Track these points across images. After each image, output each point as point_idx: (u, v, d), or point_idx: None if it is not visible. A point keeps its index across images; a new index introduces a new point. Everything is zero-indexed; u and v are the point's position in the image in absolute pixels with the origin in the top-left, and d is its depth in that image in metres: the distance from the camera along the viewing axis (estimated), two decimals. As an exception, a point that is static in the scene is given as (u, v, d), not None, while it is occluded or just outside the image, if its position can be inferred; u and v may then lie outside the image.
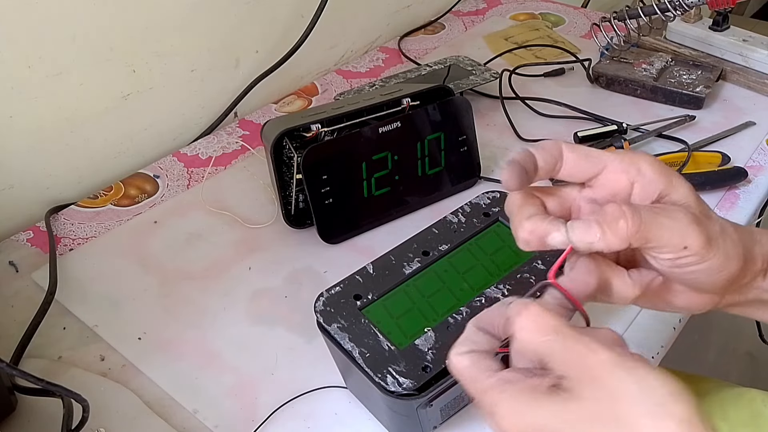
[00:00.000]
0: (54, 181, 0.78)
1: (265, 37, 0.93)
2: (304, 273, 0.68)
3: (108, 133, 0.80)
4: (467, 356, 0.37)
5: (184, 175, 0.82)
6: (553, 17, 1.18)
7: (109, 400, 0.56)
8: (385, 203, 0.72)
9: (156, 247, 0.71)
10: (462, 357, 0.37)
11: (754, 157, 0.82)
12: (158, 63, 0.81)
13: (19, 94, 0.70)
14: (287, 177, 0.69)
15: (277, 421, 0.54)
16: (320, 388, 0.56)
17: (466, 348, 0.37)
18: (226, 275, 0.68)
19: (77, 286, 0.67)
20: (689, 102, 0.90)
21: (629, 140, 0.82)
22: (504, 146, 0.84)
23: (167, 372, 0.58)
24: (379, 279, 0.51)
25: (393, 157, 0.71)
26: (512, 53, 1.05)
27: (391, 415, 0.49)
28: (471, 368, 0.36)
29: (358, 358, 0.46)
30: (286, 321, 0.62)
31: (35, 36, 0.69)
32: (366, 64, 1.05)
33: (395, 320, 0.49)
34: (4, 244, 0.72)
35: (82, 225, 0.75)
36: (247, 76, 0.93)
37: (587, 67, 0.98)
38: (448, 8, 1.19)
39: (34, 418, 0.55)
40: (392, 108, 0.71)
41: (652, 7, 0.91)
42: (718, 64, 0.95)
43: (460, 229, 0.56)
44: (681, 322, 0.62)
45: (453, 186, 0.76)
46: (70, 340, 0.61)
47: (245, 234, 0.72)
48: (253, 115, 0.93)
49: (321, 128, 0.67)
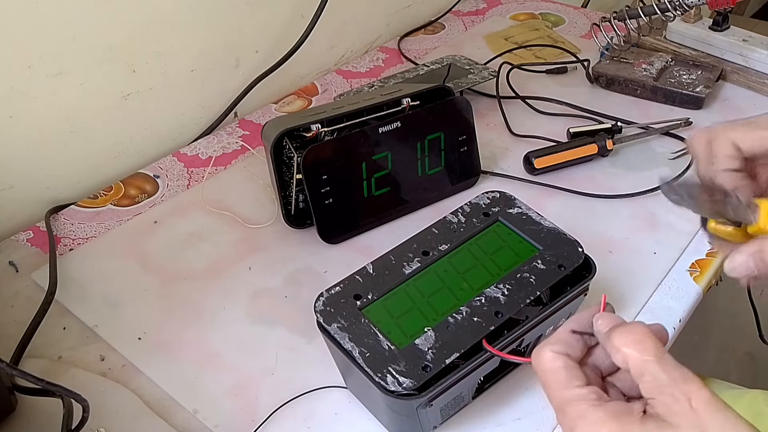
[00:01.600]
0: (54, 181, 0.78)
1: (265, 37, 0.93)
2: (304, 273, 0.68)
3: (108, 133, 0.80)
4: (562, 358, 0.37)
5: (184, 175, 0.82)
6: (553, 17, 1.18)
7: (109, 400, 0.56)
8: (385, 203, 0.72)
9: (156, 247, 0.71)
10: (557, 356, 0.37)
11: (754, 157, 0.82)
12: (158, 63, 0.81)
13: (19, 94, 0.70)
14: (287, 177, 0.69)
15: (277, 421, 0.54)
16: (320, 388, 0.56)
17: (563, 349, 0.37)
18: (226, 275, 0.68)
19: (77, 286, 0.67)
20: (689, 102, 0.90)
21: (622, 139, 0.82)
22: (504, 146, 0.84)
23: (167, 372, 0.58)
24: (379, 279, 0.51)
25: (393, 157, 0.71)
26: (512, 53, 1.05)
27: (391, 415, 0.49)
28: (563, 371, 0.36)
29: (358, 358, 0.46)
30: (286, 321, 0.62)
31: (35, 36, 0.69)
32: (366, 64, 1.05)
33: (395, 320, 0.49)
34: (4, 244, 0.72)
35: (82, 225, 0.75)
36: (247, 76, 0.93)
37: (587, 67, 0.98)
38: (448, 8, 1.19)
39: (34, 418, 0.55)
40: (392, 108, 0.71)
41: (652, 7, 0.91)
42: (718, 64, 0.95)
43: (460, 229, 0.56)
44: (681, 322, 0.62)
45: (453, 186, 0.76)
46: (70, 340, 0.61)
47: (245, 234, 0.72)
48: (253, 115, 0.93)
49: (321, 128, 0.67)
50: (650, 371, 0.34)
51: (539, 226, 0.56)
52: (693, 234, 0.71)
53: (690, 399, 0.33)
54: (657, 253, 0.69)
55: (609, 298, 0.64)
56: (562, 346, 0.37)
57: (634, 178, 0.78)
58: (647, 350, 0.34)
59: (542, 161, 0.78)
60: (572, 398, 0.35)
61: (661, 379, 0.34)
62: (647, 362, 0.34)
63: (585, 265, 0.54)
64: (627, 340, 0.35)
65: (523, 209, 0.58)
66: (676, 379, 0.33)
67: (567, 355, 0.37)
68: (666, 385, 0.33)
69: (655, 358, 0.34)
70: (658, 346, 0.35)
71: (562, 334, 0.38)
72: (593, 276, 0.54)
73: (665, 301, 0.64)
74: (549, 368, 0.37)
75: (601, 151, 0.80)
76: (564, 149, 0.79)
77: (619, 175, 0.79)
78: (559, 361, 0.37)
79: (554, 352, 0.37)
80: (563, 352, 0.37)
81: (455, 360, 0.47)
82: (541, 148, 0.79)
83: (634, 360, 0.35)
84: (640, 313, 0.62)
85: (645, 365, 0.34)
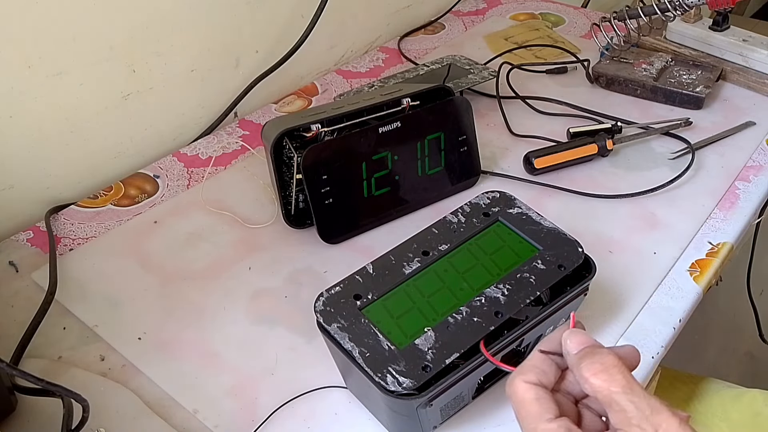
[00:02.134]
0: (54, 181, 0.78)
1: (265, 37, 0.93)
2: (304, 273, 0.68)
3: (108, 133, 0.80)
4: (534, 389, 0.37)
5: (184, 175, 0.82)
6: (553, 17, 1.18)
7: (109, 400, 0.56)
8: (385, 203, 0.72)
9: (156, 247, 0.71)
10: (530, 387, 0.37)
11: (754, 157, 0.82)
12: (158, 63, 0.81)
13: (19, 94, 0.70)
14: (287, 177, 0.69)
15: (277, 421, 0.54)
16: (320, 388, 0.56)
17: (535, 378, 0.37)
18: (226, 275, 0.68)
19: (77, 286, 0.67)
20: (689, 102, 0.90)
21: (622, 139, 0.82)
22: (504, 146, 0.84)
23: (167, 372, 0.58)
24: (379, 279, 0.51)
25: (393, 157, 0.71)
26: (512, 53, 1.05)
27: (391, 414, 0.49)
28: (536, 403, 0.36)
29: (358, 358, 0.46)
30: (286, 321, 0.62)
31: (35, 36, 0.69)
32: (366, 64, 1.05)
33: (395, 320, 0.49)
34: (4, 244, 0.72)
35: (82, 225, 0.75)
36: (247, 76, 0.93)
37: (587, 67, 0.98)
38: (448, 8, 1.19)
39: (34, 418, 0.55)
40: (392, 108, 0.71)
41: (652, 7, 0.91)
42: (718, 64, 0.95)
43: (460, 229, 0.56)
44: (681, 322, 0.62)
45: (453, 186, 0.76)
46: (70, 340, 0.61)
47: (245, 234, 0.72)
48: (253, 115, 0.93)
49: (321, 128, 0.67)
50: (618, 402, 0.34)
51: (539, 226, 0.56)
52: (693, 234, 0.71)
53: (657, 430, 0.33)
54: (657, 253, 0.69)
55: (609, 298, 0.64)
56: (534, 375, 0.37)
57: (634, 178, 0.79)
58: (615, 382, 0.35)
59: (542, 161, 0.78)
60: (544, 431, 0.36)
61: (630, 411, 0.34)
62: (615, 394, 0.34)
63: (585, 265, 0.54)
64: (595, 370, 0.35)
65: (523, 209, 0.58)
66: (644, 410, 0.34)
67: (539, 384, 0.37)
68: (634, 416, 0.34)
69: (622, 390, 0.34)
70: (626, 377, 0.35)
71: (535, 360, 0.38)
72: (593, 276, 0.54)
73: (665, 301, 0.64)
74: (521, 399, 0.37)
75: (601, 151, 0.80)
76: (564, 149, 0.79)
77: (619, 175, 0.79)
78: (531, 393, 0.37)
79: (527, 382, 0.37)
80: (535, 381, 0.37)
81: (455, 360, 0.47)
82: (541, 148, 0.79)
83: (603, 391, 0.35)
84: (640, 313, 0.62)
85: (613, 396, 0.34)
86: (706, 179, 0.78)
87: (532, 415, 0.36)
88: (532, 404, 0.36)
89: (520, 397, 0.37)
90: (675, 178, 0.77)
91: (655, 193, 0.76)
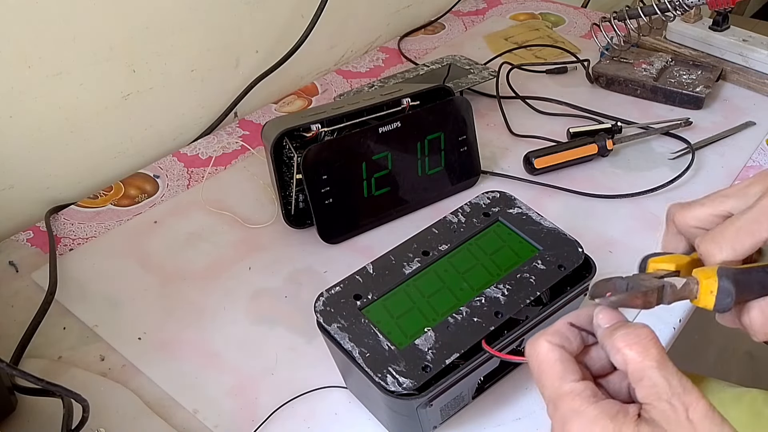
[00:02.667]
0: (54, 181, 0.78)
1: (265, 37, 0.93)
2: (304, 273, 0.68)
3: (108, 133, 0.80)
4: (558, 350, 0.36)
5: (184, 175, 0.82)
6: (553, 17, 1.18)
7: (109, 400, 0.56)
8: (385, 203, 0.72)
9: (156, 247, 0.71)
10: (554, 347, 0.36)
11: (754, 157, 0.82)
12: (158, 63, 0.81)
13: (19, 94, 0.70)
14: (287, 177, 0.69)
15: (277, 421, 0.54)
16: (320, 388, 0.56)
17: (558, 341, 0.36)
18: (226, 275, 0.68)
19: (77, 286, 0.67)
20: (689, 102, 0.90)
21: (622, 139, 0.82)
22: (504, 146, 0.84)
23: (167, 372, 0.58)
24: (379, 279, 0.51)
25: (393, 157, 0.71)
26: (512, 53, 1.05)
27: (391, 415, 0.49)
28: (558, 363, 0.35)
29: (358, 358, 0.46)
30: (286, 321, 0.62)
31: (35, 36, 0.69)
32: (366, 64, 1.05)
33: (395, 320, 0.49)
34: (4, 244, 0.72)
35: (82, 225, 0.75)
36: (247, 76, 0.93)
37: (587, 67, 0.98)
38: (448, 8, 1.19)
39: (34, 418, 0.55)
40: (392, 108, 0.71)
41: (652, 7, 0.91)
42: (718, 64, 0.95)
43: (460, 229, 0.56)
44: (681, 322, 0.62)
45: (453, 186, 0.76)
46: (70, 340, 0.61)
47: (245, 234, 0.72)
48: (253, 115, 0.93)
49: (321, 128, 0.67)
50: (650, 377, 0.34)
51: (539, 226, 0.56)
52: (693, 234, 0.71)
53: (687, 409, 0.33)
54: (657, 253, 0.69)
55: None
56: (558, 338, 0.36)
57: (634, 178, 0.79)
58: (650, 355, 0.34)
59: (542, 161, 0.78)
60: (567, 392, 0.35)
61: (661, 386, 0.33)
62: (649, 368, 0.34)
63: (585, 265, 0.54)
64: (630, 341, 0.34)
65: (523, 209, 0.58)
66: (675, 387, 0.33)
67: (563, 347, 0.36)
68: (665, 392, 0.33)
69: (657, 363, 0.34)
70: (661, 352, 0.34)
71: (560, 326, 0.37)
72: (593, 276, 0.54)
73: (665, 301, 0.64)
74: (544, 359, 0.36)
75: (601, 151, 0.80)
76: (564, 149, 0.79)
77: (619, 175, 0.79)
78: (555, 353, 0.36)
79: (551, 343, 0.36)
80: (560, 344, 0.36)
81: (455, 360, 0.47)
82: (541, 148, 0.80)
83: (635, 363, 0.34)
84: (640, 313, 0.62)
85: (646, 370, 0.34)
86: (707, 179, 0.78)
87: (555, 375, 0.35)
88: (556, 364, 0.35)
89: (543, 357, 0.36)
90: (675, 178, 0.77)
91: (655, 193, 0.76)
